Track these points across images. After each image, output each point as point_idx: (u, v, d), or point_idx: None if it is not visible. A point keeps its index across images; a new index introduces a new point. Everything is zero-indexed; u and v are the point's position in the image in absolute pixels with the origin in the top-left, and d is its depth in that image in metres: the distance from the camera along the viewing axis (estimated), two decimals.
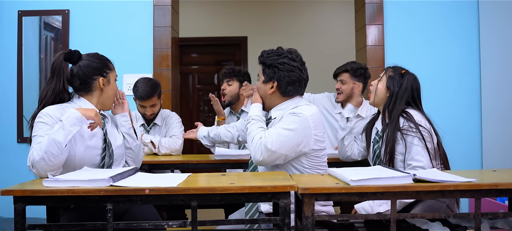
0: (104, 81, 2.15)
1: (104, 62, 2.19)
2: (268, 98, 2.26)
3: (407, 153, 2.27)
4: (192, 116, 6.27)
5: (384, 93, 2.41)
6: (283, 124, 2.10)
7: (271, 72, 2.20)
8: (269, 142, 2.06)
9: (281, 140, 2.07)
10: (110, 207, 1.65)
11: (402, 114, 2.33)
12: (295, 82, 2.20)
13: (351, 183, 1.69)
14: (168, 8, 3.73)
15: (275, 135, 2.07)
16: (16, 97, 3.71)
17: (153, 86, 3.16)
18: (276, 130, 2.09)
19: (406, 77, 2.39)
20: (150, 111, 3.23)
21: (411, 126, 2.27)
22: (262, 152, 2.06)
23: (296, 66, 2.19)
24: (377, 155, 2.42)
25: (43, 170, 1.85)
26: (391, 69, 2.45)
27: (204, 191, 1.67)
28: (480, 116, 3.70)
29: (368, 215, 1.86)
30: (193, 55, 6.35)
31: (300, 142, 2.10)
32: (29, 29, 3.72)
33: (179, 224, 1.73)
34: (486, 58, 3.66)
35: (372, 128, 2.52)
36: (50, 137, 1.85)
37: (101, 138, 2.11)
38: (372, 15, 3.72)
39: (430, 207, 2.21)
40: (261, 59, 2.26)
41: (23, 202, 1.65)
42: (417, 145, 2.25)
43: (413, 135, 2.26)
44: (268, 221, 1.76)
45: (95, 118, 1.98)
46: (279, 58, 2.19)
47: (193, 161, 2.93)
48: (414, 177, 1.75)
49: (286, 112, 2.16)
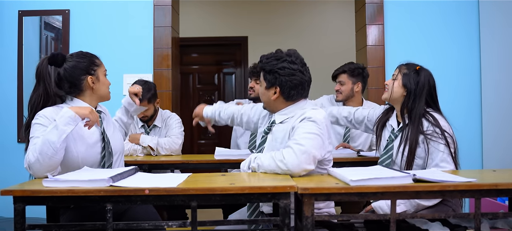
0: (93, 79, 2.13)
1: (90, 60, 2.15)
2: (271, 104, 2.20)
3: (430, 159, 2.22)
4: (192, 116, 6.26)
5: (400, 92, 2.34)
6: (305, 129, 2.00)
7: (272, 78, 2.13)
8: (304, 144, 1.94)
9: (312, 143, 1.97)
10: (110, 207, 1.65)
11: (425, 116, 2.28)
12: (298, 85, 2.13)
13: (351, 183, 1.69)
14: (169, 8, 3.73)
15: (304, 139, 1.97)
16: (16, 97, 3.71)
17: (144, 91, 3.14)
18: (300, 136, 1.98)
19: (422, 74, 2.32)
20: (141, 115, 3.24)
21: (437, 131, 2.22)
22: (297, 158, 1.92)
23: (297, 69, 2.11)
24: (389, 155, 2.36)
25: (39, 171, 1.85)
26: (405, 66, 2.39)
27: (204, 192, 1.67)
28: (480, 115, 3.70)
29: (368, 215, 1.86)
30: (193, 55, 6.34)
31: (322, 142, 2.04)
32: (29, 29, 3.72)
33: (178, 224, 1.73)
34: (486, 58, 3.66)
35: (385, 124, 2.46)
36: (44, 138, 1.85)
37: (100, 136, 2.11)
38: (373, 15, 3.72)
39: (437, 210, 2.20)
40: (261, 65, 2.19)
41: (23, 202, 1.65)
42: (443, 152, 2.20)
43: (439, 141, 2.20)
44: (268, 221, 1.76)
45: (90, 115, 1.96)
46: (278, 63, 2.12)
47: (193, 161, 2.92)
48: (414, 177, 1.75)
49: (296, 119, 2.08)
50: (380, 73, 3.68)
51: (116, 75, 3.60)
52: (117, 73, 3.67)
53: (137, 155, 3.14)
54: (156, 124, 3.32)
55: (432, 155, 2.22)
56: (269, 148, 2.20)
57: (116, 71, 3.64)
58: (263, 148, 2.24)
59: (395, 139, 2.36)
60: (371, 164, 2.70)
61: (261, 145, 2.26)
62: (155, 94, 3.25)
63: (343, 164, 2.62)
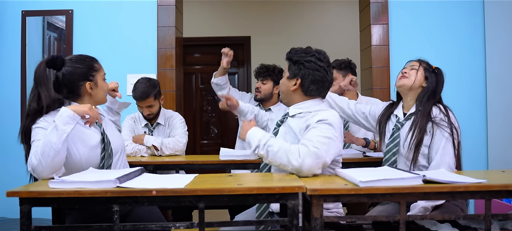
0: (91, 84, 2.11)
1: (89, 65, 2.12)
2: (289, 95, 2.22)
3: (433, 147, 2.25)
4: (195, 116, 6.26)
5: (421, 82, 2.39)
6: (321, 133, 1.99)
7: (296, 68, 2.17)
8: (320, 148, 1.94)
9: (326, 148, 1.97)
10: (117, 208, 1.64)
11: (437, 105, 2.34)
12: (319, 82, 2.16)
13: (360, 184, 1.67)
14: (172, 8, 3.71)
15: (319, 143, 1.97)
16: (19, 98, 3.70)
17: (150, 87, 3.14)
18: (316, 138, 1.98)
19: (440, 75, 2.40)
20: (147, 112, 3.22)
21: (444, 120, 2.27)
22: (312, 160, 1.92)
23: (322, 67, 2.15)
24: (396, 143, 2.38)
25: (43, 173, 1.84)
26: (425, 62, 2.45)
27: (211, 192, 1.66)
28: (485, 115, 3.68)
29: (377, 216, 1.84)
30: (196, 55, 6.33)
31: (336, 147, 2.05)
32: (32, 29, 3.71)
33: (186, 225, 1.71)
34: (491, 57, 3.64)
35: (389, 116, 2.49)
36: (45, 140, 1.84)
37: (100, 137, 2.10)
38: (377, 14, 3.70)
39: (446, 210, 2.18)
40: (288, 55, 2.23)
41: (29, 203, 1.63)
42: (446, 139, 2.23)
43: (445, 129, 2.24)
44: (276, 222, 1.74)
45: (90, 112, 1.94)
46: (306, 56, 2.16)
47: (198, 162, 2.90)
48: (424, 178, 1.73)
49: (312, 117, 2.08)
50: (384, 73, 3.66)
51: (119, 76, 3.60)
52: (121, 74, 3.65)
53: (141, 155, 3.12)
54: (160, 121, 3.31)
55: (434, 140, 2.25)
56: (283, 138, 2.19)
57: (119, 72, 3.63)
58: None
59: (402, 127, 2.38)
60: (377, 164, 2.69)
61: None
62: (159, 91, 3.24)
63: (349, 165, 2.60)
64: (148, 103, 3.17)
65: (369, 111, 2.62)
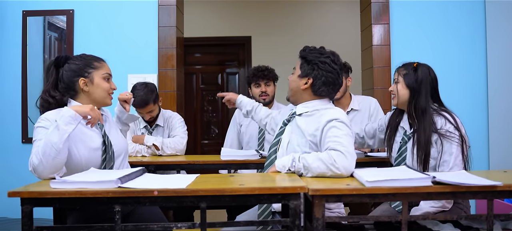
0: (85, 81, 2.10)
1: (86, 62, 2.13)
2: (298, 93, 2.21)
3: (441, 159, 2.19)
4: (196, 116, 6.26)
5: (406, 94, 2.32)
6: (342, 131, 1.99)
7: (309, 68, 2.16)
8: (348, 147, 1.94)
9: (352, 145, 2.00)
10: (119, 208, 1.63)
11: (440, 114, 2.25)
12: (330, 84, 2.15)
13: (367, 184, 1.67)
14: (173, 8, 3.71)
15: (347, 142, 1.97)
16: (20, 98, 3.70)
17: (148, 94, 3.13)
18: (342, 139, 1.97)
19: (420, 69, 2.32)
20: (148, 117, 3.24)
21: (450, 130, 2.19)
22: (348, 161, 1.91)
23: (336, 70, 2.15)
24: (403, 158, 2.33)
25: (43, 172, 1.83)
26: (402, 68, 2.38)
27: (213, 193, 1.65)
28: (486, 115, 3.67)
29: (378, 216, 1.84)
30: (197, 55, 6.33)
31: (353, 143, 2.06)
32: (33, 29, 3.71)
33: (187, 226, 1.71)
34: (493, 58, 3.63)
35: (397, 127, 2.43)
36: (46, 139, 1.84)
37: (101, 140, 2.09)
38: (378, 14, 3.69)
39: (448, 211, 2.17)
40: (303, 53, 2.21)
41: (31, 203, 1.63)
42: (455, 153, 2.17)
43: (454, 141, 2.18)
44: (278, 222, 1.74)
45: (91, 113, 1.95)
46: (321, 56, 2.15)
47: (199, 162, 2.90)
48: (433, 179, 1.71)
49: (321, 116, 2.08)
50: (386, 73, 3.66)
51: (120, 76, 3.59)
52: (122, 74, 3.65)
53: (142, 155, 3.12)
54: (159, 123, 3.31)
55: (444, 155, 2.19)
56: (289, 138, 2.19)
57: (120, 72, 3.62)
58: (280, 138, 2.24)
59: (409, 141, 2.32)
60: (379, 164, 2.69)
61: (279, 135, 2.25)
62: (157, 94, 3.24)
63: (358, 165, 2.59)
64: (149, 109, 3.18)
65: (378, 128, 2.59)
